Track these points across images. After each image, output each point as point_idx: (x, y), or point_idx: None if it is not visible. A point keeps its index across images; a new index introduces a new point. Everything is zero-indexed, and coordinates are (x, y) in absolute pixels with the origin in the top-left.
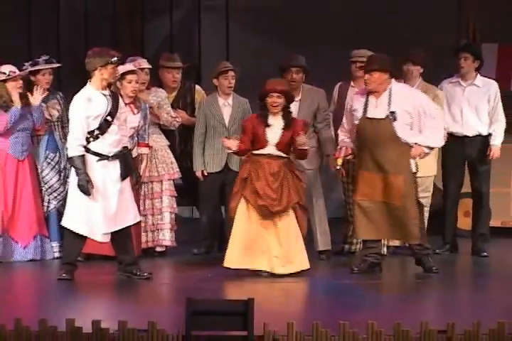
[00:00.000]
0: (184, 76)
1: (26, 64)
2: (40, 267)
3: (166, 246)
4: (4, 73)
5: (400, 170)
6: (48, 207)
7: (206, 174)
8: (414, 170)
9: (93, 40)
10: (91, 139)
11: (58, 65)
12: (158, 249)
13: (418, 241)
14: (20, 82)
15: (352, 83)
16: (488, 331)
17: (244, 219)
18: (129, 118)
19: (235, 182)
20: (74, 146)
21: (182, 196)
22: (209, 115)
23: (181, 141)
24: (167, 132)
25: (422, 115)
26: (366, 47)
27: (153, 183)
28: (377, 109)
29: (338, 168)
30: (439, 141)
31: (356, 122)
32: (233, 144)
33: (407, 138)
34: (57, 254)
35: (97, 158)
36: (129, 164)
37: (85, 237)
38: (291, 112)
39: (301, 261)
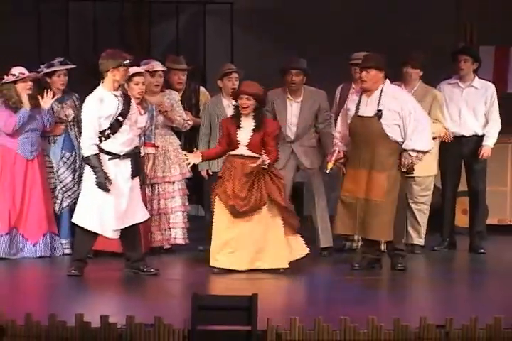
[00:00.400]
0: (189, 78)
1: (42, 66)
2: (50, 263)
3: (179, 244)
4: (14, 75)
5: (386, 167)
6: (61, 205)
7: (211, 173)
8: (403, 170)
9: (101, 44)
10: (102, 138)
11: (73, 66)
12: (165, 246)
13: (390, 238)
14: (30, 83)
15: (353, 85)
16: (485, 326)
17: (220, 217)
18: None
19: None
20: (88, 145)
21: (188, 195)
22: (213, 115)
23: (186, 141)
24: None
25: (407, 118)
26: (366, 47)
27: (166, 184)
28: (367, 108)
29: (327, 171)
30: (426, 145)
31: (349, 121)
32: (194, 158)
33: (396, 137)
34: (67, 251)
35: (109, 156)
36: (139, 163)
37: (96, 234)
38: (262, 114)
39: (274, 259)
